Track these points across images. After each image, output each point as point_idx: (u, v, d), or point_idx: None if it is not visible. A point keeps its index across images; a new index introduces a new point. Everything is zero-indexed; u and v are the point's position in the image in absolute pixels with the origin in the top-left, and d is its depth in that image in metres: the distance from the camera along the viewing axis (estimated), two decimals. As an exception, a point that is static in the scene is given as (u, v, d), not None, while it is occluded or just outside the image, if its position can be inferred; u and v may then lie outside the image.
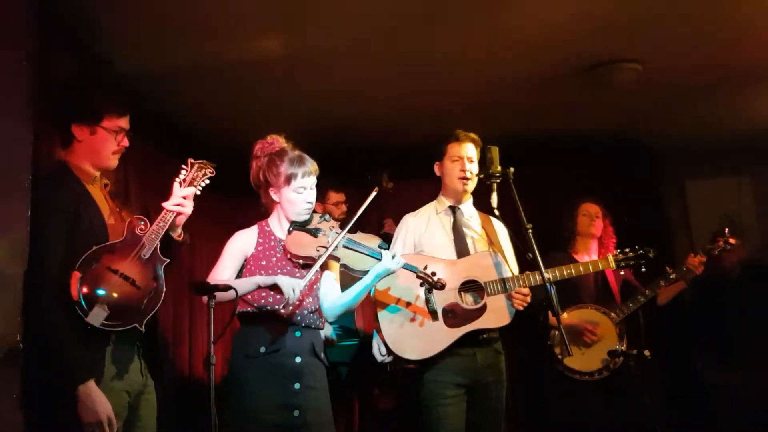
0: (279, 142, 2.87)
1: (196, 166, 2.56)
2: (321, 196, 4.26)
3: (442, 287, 2.89)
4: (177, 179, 2.54)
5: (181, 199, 2.51)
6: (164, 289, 2.41)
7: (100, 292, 2.28)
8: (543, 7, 3.40)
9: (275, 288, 2.64)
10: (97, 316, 2.25)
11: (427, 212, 3.41)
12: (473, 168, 3.31)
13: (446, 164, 3.35)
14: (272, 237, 2.86)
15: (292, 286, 2.60)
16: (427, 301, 2.89)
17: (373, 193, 2.88)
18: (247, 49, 3.64)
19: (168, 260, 2.46)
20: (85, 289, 2.26)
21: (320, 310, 2.83)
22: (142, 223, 2.45)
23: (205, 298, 2.47)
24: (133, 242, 2.40)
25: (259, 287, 2.67)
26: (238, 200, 4.82)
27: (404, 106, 4.61)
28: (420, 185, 3.79)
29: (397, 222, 3.50)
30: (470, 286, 3.16)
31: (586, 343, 3.88)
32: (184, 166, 2.56)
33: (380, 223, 4.50)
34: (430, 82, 4.22)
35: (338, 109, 4.60)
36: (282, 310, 2.66)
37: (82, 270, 2.28)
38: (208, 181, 2.57)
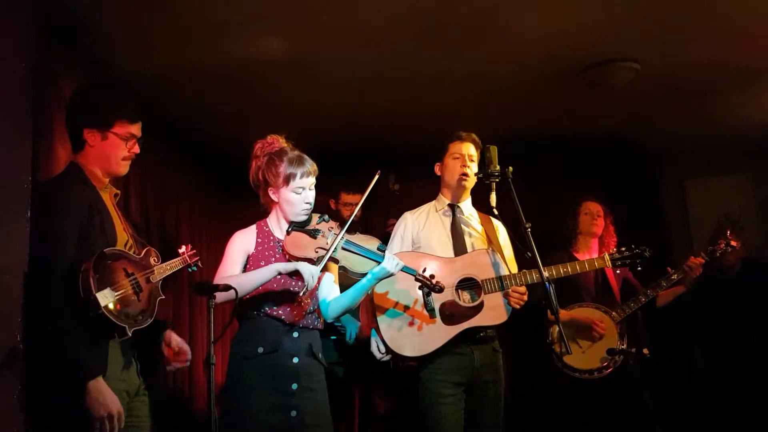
0: (279, 142, 2.87)
1: (193, 252, 2.71)
2: (333, 195, 4.29)
3: (441, 290, 2.88)
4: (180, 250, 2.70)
5: (179, 347, 2.66)
6: (153, 316, 2.48)
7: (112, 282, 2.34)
8: (541, 6, 3.41)
9: (296, 274, 2.67)
10: (105, 297, 2.27)
11: (427, 210, 3.43)
12: (473, 166, 3.33)
13: (447, 162, 3.37)
14: (271, 237, 2.86)
15: (311, 272, 2.64)
16: (426, 302, 2.89)
17: (365, 195, 2.87)
18: (249, 51, 3.64)
19: (164, 297, 2.56)
20: (98, 275, 2.29)
21: (319, 311, 2.84)
22: (155, 257, 2.58)
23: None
24: (146, 265, 2.51)
25: (280, 273, 2.69)
26: (237, 200, 4.85)
27: (405, 107, 4.61)
28: (424, 186, 3.79)
29: None
30: (467, 284, 3.17)
31: (593, 337, 3.88)
32: (183, 248, 2.72)
33: (385, 224, 4.50)
34: (430, 83, 4.23)
35: (341, 111, 4.60)
36: (301, 295, 2.70)
37: (100, 261, 2.32)
38: (195, 269, 2.71)
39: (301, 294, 2.70)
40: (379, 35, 3.60)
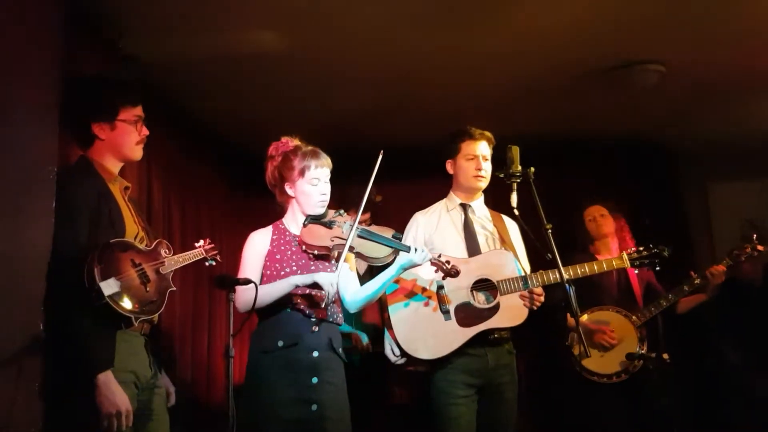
0: (293, 141, 2.92)
1: (211, 246, 2.70)
2: None
3: (457, 274, 2.87)
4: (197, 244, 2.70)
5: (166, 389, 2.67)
6: (163, 307, 2.49)
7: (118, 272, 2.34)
8: (566, 7, 3.39)
9: (315, 286, 2.69)
10: (109, 287, 2.27)
11: (438, 209, 3.39)
12: (488, 166, 3.30)
13: (460, 162, 3.33)
14: (287, 233, 2.88)
15: (330, 281, 2.66)
16: (438, 296, 2.87)
17: (372, 178, 2.85)
18: (267, 46, 3.65)
19: (174, 289, 2.55)
20: (103, 264, 2.29)
21: (339, 303, 2.85)
22: (167, 248, 2.58)
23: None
24: (156, 256, 2.51)
25: (297, 287, 2.71)
26: (256, 200, 4.86)
27: (419, 105, 4.60)
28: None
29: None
30: (483, 285, 3.14)
31: (602, 345, 3.85)
32: (201, 242, 2.71)
33: None
34: (450, 81, 4.22)
35: (352, 108, 4.59)
36: (323, 306, 2.73)
37: (105, 251, 2.33)
38: (214, 263, 2.70)
39: (322, 305, 2.72)
40: (395, 32, 3.58)
